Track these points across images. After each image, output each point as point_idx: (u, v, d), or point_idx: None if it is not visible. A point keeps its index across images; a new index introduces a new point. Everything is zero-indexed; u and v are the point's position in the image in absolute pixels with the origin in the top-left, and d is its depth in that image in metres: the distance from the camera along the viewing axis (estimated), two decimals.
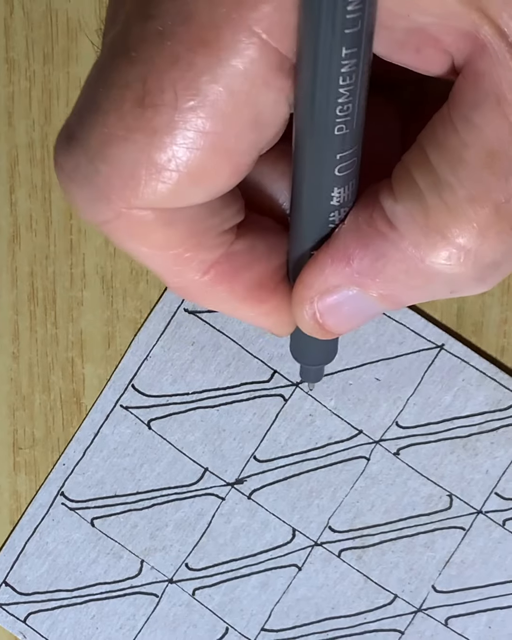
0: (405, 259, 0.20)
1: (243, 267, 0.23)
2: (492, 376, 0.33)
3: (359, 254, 0.21)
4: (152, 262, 0.22)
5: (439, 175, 0.19)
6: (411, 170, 0.20)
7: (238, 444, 0.33)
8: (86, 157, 0.20)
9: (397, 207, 0.20)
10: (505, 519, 0.33)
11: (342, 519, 0.33)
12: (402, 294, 0.22)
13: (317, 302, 0.22)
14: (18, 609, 0.34)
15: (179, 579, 0.34)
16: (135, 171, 0.19)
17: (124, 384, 0.33)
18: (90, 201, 0.20)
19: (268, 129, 0.19)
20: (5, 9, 0.32)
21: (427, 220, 0.20)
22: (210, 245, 0.22)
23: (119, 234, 0.21)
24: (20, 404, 0.34)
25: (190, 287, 0.23)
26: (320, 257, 0.22)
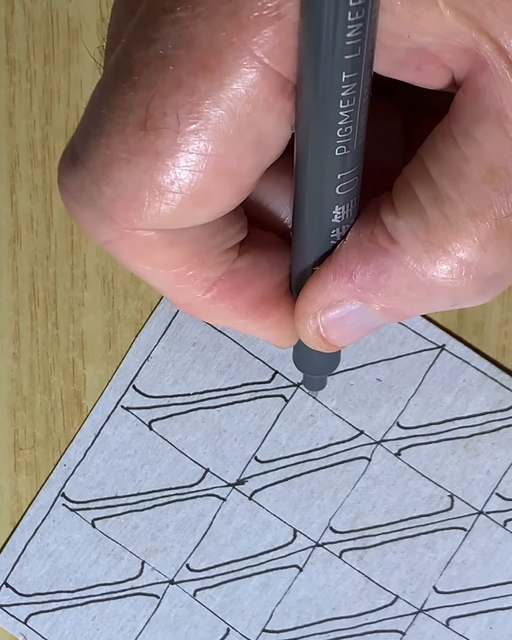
0: (407, 274, 0.21)
1: (246, 283, 0.23)
2: (493, 377, 0.33)
3: (361, 270, 0.21)
4: (156, 280, 0.22)
5: (439, 189, 0.19)
6: (412, 184, 0.20)
7: (239, 444, 0.33)
8: (90, 179, 0.20)
9: (399, 222, 0.20)
10: (506, 520, 0.33)
11: (344, 519, 0.33)
12: (405, 308, 0.22)
13: (321, 317, 0.23)
14: (19, 610, 0.34)
15: (180, 580, 0.34)
16: (139, 193, 0.19)
17: (125, 385, 0.33)
18: (94, 222, 0.20)
19: (270, 150, 0.20)
20: (6, 9, 0.32)
21: (428, 234, 0.20)
22: (213, 263, 0.22)
23: (123, 253, 0.21)
24: (21, 404, 0.34)
25: (194, 305, 0.23)
26: (322, 272, 0.22)
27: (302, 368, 0.28)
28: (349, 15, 0.17)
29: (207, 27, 0.18)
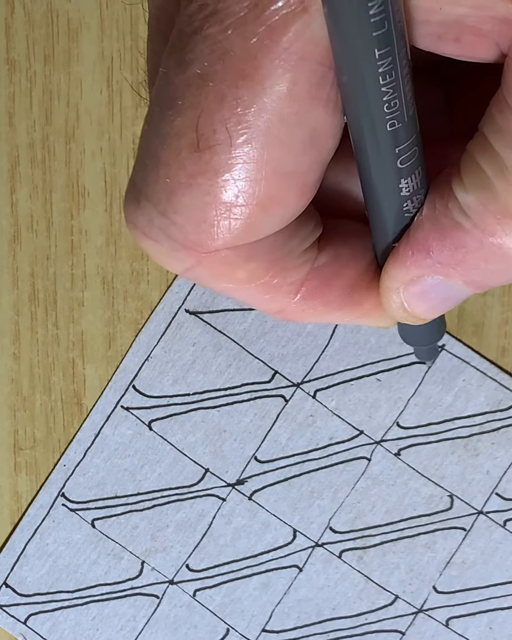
0: (483, 248, 0.21)
1: (332, 277, 0.23)
2: (493, 377, 0.33)
3: (438, 245, 0.21)
4: (243, 296, 0.22)
5: (504, 160, 0.19)
6: (477, 158, 0.20)
7: (239, 444, 0.33)
8: (157, 211, 0.20)
9: (468, 197, 0.20)
10: (506, 520, 0.33)
11: (343, 519, 0.33)
12: (486, 279, 0.22)
13: (403, 292, 0.23)
14: (18, 611, 0.34)
15: (180, 580, 0.34)
16: (207, 214, 0.20)
17: (124, 385, 0.33)
18: (170, 253, 0.21)
19: (326, 143, 0.20)
20: (6, 9, 0.32)
21: (498, 206, 0.20)
22: (294, 266, 0.22)
23: (205, 278, 0.21)
24: (21, 404, 0.34)
25: (287, 310, 0.23)
26: (401, 249, 0.22)
27: (409, 341, 0.29)
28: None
29: (238, 36, 0.18)
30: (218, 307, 0.33)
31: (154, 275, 0.33)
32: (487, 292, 0.33)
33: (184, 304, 0.33)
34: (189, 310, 0.33)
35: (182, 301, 0.33)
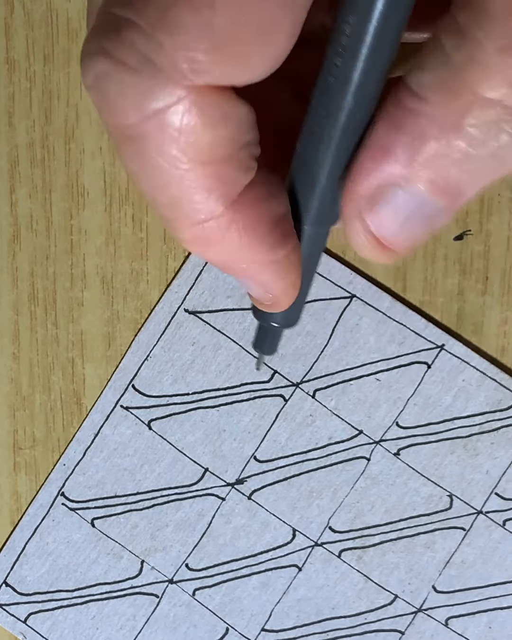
0: (442, 129, 0.19)
1: (263, 200, 0.21)
2: (492, 376, 0.33)
3: (394, 140, 0.20)
4: (183, 180, 0.20)
5: (465, 33, 0.19)
6: (440, 36, 0.19)
7: (238, 444, 0.33)
8: (143, 33, 0.18)
9: (424, 75, 0.19)
10: (505, 519, 0.33)
11: (343, 519, 0.33)
12: (450, 176, 0.20)
13: (367, 213, 0.21)
14: (18, 610, 0.34)
15: (180, 580, 0.34)
16: (205, 36, 0.18)
17: (124, 384, 0.33)
18: (147, 86, 0.18)
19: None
20: (5, 9, 0.32)
21: (456, 80, 0.19)
22: (245, 166, 0.21)
23: (166, 130, 0.19)
24: (21, 404, 0.34)
25: (211, 222, 0.21)
26: (358, 163, 0.21)
27: (262, 315, 0.26)
28: None
29: None
30: (217, 306, 0.33)
31: (154, 274, 0.33)
32: (487, 292, 0.33)
33: (183, 303, 0.33)
34: (188, 310, 0.33)
35: (182, 301, 0.33)
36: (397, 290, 0.33)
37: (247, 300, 0.33)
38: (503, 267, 0.33)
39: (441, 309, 0.33)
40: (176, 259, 0.33)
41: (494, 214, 0.32)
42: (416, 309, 0.33)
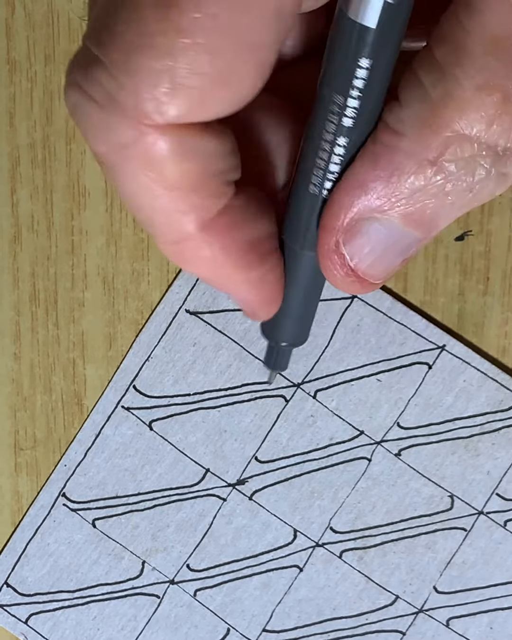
0: (418, 164, 0.20)
1: (238, 225, 0.22)
2: (493, 377, 0.33)
3: (371, 176, 0.20)
4: (155, 204, 0.21)
5: (444, 69, 0.19)
6: (418, 71, 0.19)
7: (239, 444, 0.33)
8: (107, 73, 0.19)
9: (403, 111, 0.20)
10: (506, 520, 0.33)
11: (344, 519, 0.33)
12: (425, 209, 0.21)
13: (344, 245, 0.22)
14: (19, 610, 0.34)
15: (181, 580, 0.34)
16: (161, 80, 0.18)
17: (125, 385, 0.33)
18: (110, 121, 0.19)
19: (290, 19, 0.19)
20: (6, 9, 0.32)
21: (434, 116, 0.19)
22: (216, 192, 0.21)
23: (133, 162, 0.20)
24: (22, 404, 0.34)
25: (185, 243, 0.21)
26: (335, 195, 0.21)
27: (271, 333, 0.26)
28: None
29: None
30: (218, 307, 0.33)
31: (155, 275, 0.33)
32: (488, 293, 0.33)
33: (184, 304, 0.33)
34: (189, 311, 0.33)
35: (183, 301, 0.33)
36: (398, 291, 0.33)
37: None
38: (504, 267, 0.33)
39: (441, 310, 0.33)
40: None
41: (495, 215, 0.32)
42: (416, 309, 0.33)
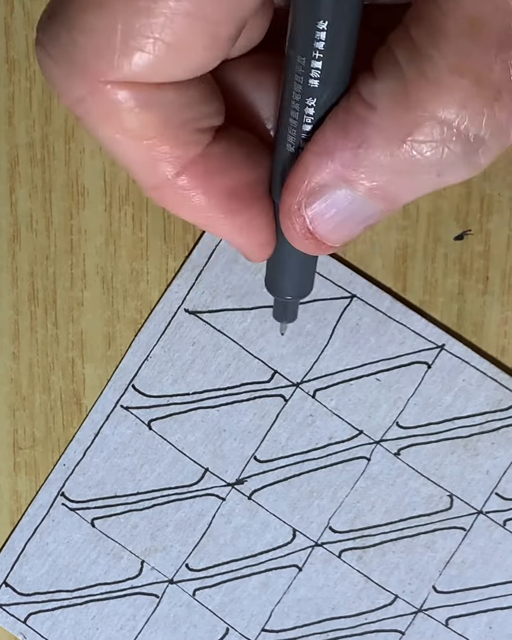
0: (387, 140, 0.20)
1: (218, 170, 0.22)
2: (492, 376, 0.33)
3: (340, 144, 0.20)
4: (126, 152, 0.21)
5: (419, 48, 0.19)
6: (393, 48, 0.19)
7: (238, 444, 0.33)
8: (64, 29, 0.19)
9: (377, 85, 0.20)
10: (506, 519, 0.33)
11: (343, 519, 0.33)
12: (390, 185, 0.21)
13: (306, 208, 0.22)
14: (18, 610, 0.34)
15: (180, 580, 0.34)
16: (111, 39, 0.19)
17: (124, 384, 0.33)
18: (67, 76, 0.20)
19: (249, 2, 0.19)
20: (5, 8, 0.32)
21: (407, 94, 0.19)
22: (186, 140, 0.21)
23: (93, 114, 0.20)
24: (21, 404, 0.34)
25: (164, 188, 0.22)
26: (303, 156, 0.21)
27: (274, 289, 0.27)
28: None
29: None
30: (217, 306, 0.33)
31: (154, 274, 0.33)
32: (487, 292, 0.33)
33: (183, 303, 0.33)
34: (188, 310, 0.33)
35: (182, 301, 0.33)
36: (398, 290, 0.33)
37: (247, 300, 0.33)
38: (503, 266, 0.33)
39: (441, 309, 0.33)
40: (176, 258, 0.33)
41: (495, 214, 0.32)
42: (416, 308, 0.33)
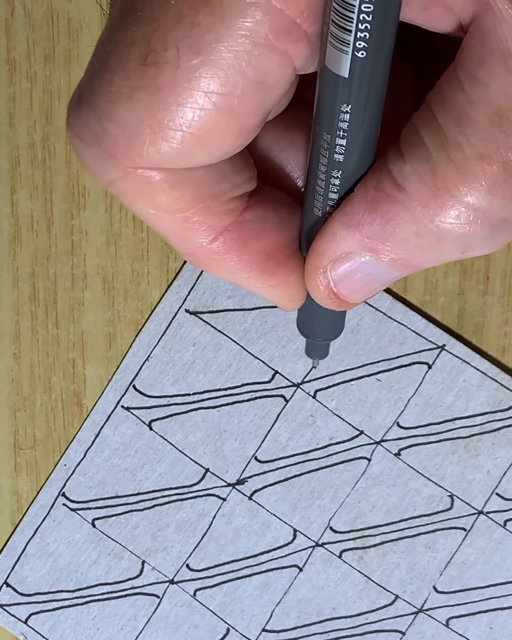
0: (414, 220, 0.20)
1: (253, 236, 0.23)
2: (493, 377, 0.33)
3: (368, 219, 0.21)
4: (161, 224, 0.22)
5: (446, 133, 0.19)
6: (419, 130, 0.20)
7: (239, 444, 0.33)
8: (94, 116, 0.20)
9: (406, 167, 0.20)
10: (506, 520, 0.33)
11: (343, 519, 0.33)
12: (414, 257, 0.21)
13: (331, 271, 0.22)
14: (19, 610, 0.34)
15: (180, 580, 0.34)
16: (140, 130, 0.19)
17: (125, 385, 0.33)
18: (99, 160, 0.20)
19: (273, 91, 0.20)
20: (6, 9, 0.32)
21: (435, 179, 0.20)
22: (219, 211, 0.22)
23: (126, 194, 0.21)
24: (22, 404, 0.34)
25: (199, 254, 0.23)
26: (331, 224, 0.22)
27: (306, 332, 0.28)
28: None
29: None
30: (218, 307, 0.33)
31: (154, 275, 0.33)
32: (488, 292, 0.33)
33: (184, 304, 0.33)
34: (189, 310, 0.33)
35: (183, 301, 0.33)
36: (398, 291, 0.33)
37: (247, 300, 0.33)
38: (504, 267, 0.33)
39: (441, 309, 0.33)
40: (177, 259, 0.33)
41: None
42: (416, 309, 0.33)
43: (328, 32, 0.19)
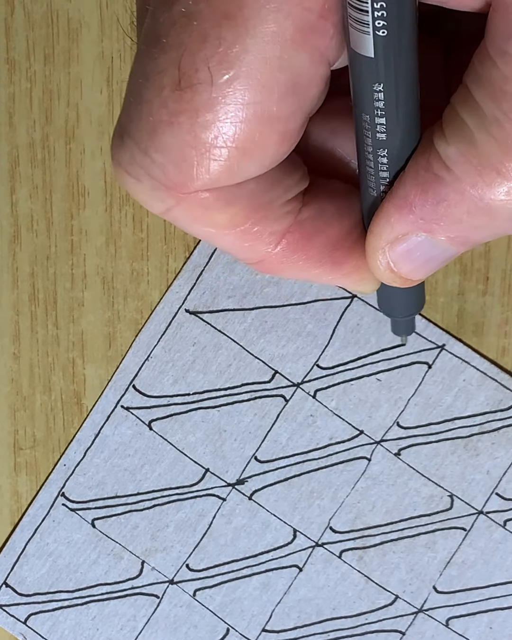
0: (465, 200, 0.21)
1: (315, 232, 0.23)
2: (493, 376, 0.33)
3: (420, 201, 0.21)
4: (222, 241, 0.22)
5: (485, 111, 0.19)
6: (458, 110, 0.20)
7: (239, 444, 0.33)
8: (139, 149, 0.20)
9: (450, 149, 0.20)
10: (506, 520, 0.33)
11: (343, 519, 0.33)
12: (470, 234, 0.22)
13: (389, 252, 0.23)
14: (18, 610, 0.34)
15: (180, 580, 0.34)
16: (186, 153, 0.20)
17: (125, 385, 0.33)
18: (151, 192, 0.21)
19: (309, 90, 0.20)
20: (6, 9, 0.32)
21: (479, 158, 0.20)
22: (277, 216, 0.22)
23: (184, 220, 0.21)
24: (21, 404, 0.34)
25: (266, 261, 0.23)
26: (385, 207, 0.22)
27: (388, 311, 0.29)
28: None
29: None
30: (218, 307, 0.33)
31: (154, 275, 0.33)
32: (488, 292, 0.33)
33: (184, 304, 0.33)
34: (189, 310, 0.33)
35: (182, 301, 0.33)
36: None
37: (248, 300, 0.33)
38: (504, 267, 0.33)
39: (441, 309, 0.33)
40: (177, 259, 0.33)
41: None
42: None
43: (348, 16, 0.19)
